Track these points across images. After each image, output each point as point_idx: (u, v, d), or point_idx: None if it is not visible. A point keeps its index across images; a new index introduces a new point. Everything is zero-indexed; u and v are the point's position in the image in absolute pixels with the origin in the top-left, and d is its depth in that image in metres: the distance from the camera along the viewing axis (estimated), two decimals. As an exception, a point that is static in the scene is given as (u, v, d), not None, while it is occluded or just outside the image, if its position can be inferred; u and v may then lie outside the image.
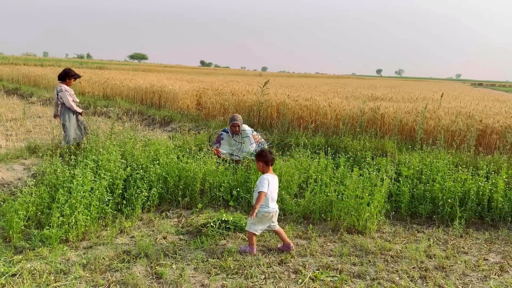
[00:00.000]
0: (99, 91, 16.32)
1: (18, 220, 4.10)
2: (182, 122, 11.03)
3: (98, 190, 4.68)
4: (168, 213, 5.25)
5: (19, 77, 20.98)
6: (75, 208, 4.31)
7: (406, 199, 5.49)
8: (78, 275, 3.57)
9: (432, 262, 4.20)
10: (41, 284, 3.41)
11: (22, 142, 7.85)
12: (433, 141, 7.95)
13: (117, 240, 4.35)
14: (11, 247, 4.02)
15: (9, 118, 10.80)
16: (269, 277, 3.73)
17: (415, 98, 15.03)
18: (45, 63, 36.76)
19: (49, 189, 4.79)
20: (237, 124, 6.66)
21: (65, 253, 3.97)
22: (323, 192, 5.30)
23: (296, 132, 9.10)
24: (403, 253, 4.37)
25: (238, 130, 6.70)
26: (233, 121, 6.67)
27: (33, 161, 6.26)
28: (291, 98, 11.39)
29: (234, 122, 6.66)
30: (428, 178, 5.90)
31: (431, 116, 9.24)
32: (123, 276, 3.60)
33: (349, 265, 4.04)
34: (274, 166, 5.84)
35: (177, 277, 3.63)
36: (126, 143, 6.45)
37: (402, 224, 5.25)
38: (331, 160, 6.42)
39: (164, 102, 13.59)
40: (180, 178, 5.57)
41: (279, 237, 4.33)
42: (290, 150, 7.22)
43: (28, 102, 14.24)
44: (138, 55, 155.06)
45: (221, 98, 12.15)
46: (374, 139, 8.43)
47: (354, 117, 9.52)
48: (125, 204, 5.01)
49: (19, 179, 5.70)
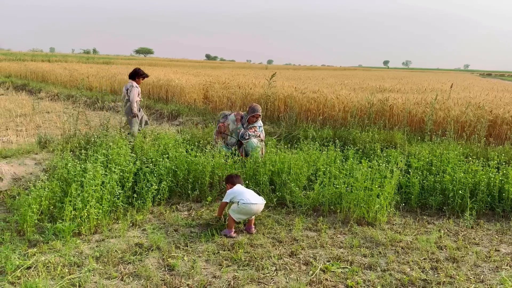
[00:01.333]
0: (107, 86, 16.40)
1: (32, 214, 4.15)
2: (190, 116, 11.06)
3: (109, 184, 4.72)
4: (178, 206, 5.28)
5: (27, 73, 21.13)
6: (87, 202, 4.36)
7: (416, 190, 5.47)
8: (91, 268, 3.62)
9: (443, 253, 4.20)
10: (55, 276, 3.46)
11: (33, 137, 7.93)
12: (442, 132, 7.90)
13: (129, 233, 4.40)
14: (25, 240, 4.08)
15: (18, 113, 10.89)
16: (280, 269, 3.75)
17: (423, 89, 14.92)
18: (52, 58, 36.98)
19: (61, 183, 4.84)
20: (258, 115, 6.63)
21: (78, 246, 4.02)
22: (332, 184, 5.30)
23: (303, 124, 9.09)
24: (413, 244, 4.37)
25: (255, 120, 6.68)
26: (256, 112, 6.59)
27: (44, 156, 6.31)
28: (298, 91, 11.36)
29: (256, 113, 6.58)
30: (438, 170, 5.87)
31: (440, 107, 9.17)
32: (135, 268, 3.64)
33: (360, 257, 4.05)
34: (283, 158, 5.87)
35: (189, 269, 3.67)
36: (136, 137, 6.48)
37: (412, 216, 5.25)
38: (339, 152, 6.41)
39: (171, 96, 13.62)
40: (189, 172, 5.59)
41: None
42: (298, 143, 7.21)
43: (36, 98, 14.35)
44: (144, 50, 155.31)
45: (228, 92, 12.15)
46: (383, 131, 8.40)
47: (362, 109, 9.48)
48: (135, 198, 5.05)
49: (31, 173, 5.76)
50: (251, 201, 4.37)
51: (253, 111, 6.60)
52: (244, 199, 4.35)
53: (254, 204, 4.38)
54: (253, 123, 6.65)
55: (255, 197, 4.48)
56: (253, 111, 6.60)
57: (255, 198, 4.46)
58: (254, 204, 4.38)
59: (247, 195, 4.43)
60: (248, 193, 4.49)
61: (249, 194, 4.48)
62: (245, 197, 4.38)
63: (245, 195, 4.42)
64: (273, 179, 5.73)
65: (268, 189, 5.52)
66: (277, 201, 5.41)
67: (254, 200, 4.41)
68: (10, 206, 4.80)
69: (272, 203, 5.37)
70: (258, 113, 6.59)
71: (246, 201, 4.34)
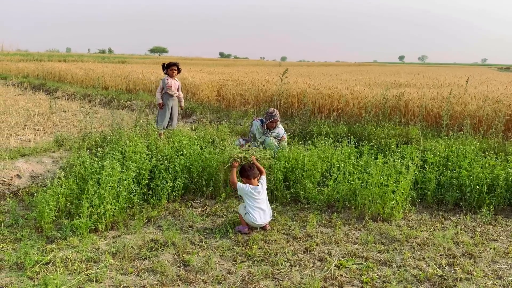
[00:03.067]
0: (122, 85, 16.57)
1: (49, 210, 4.23)
2: (204, 114, 11.11)
3: (126, 180, 4.78)
4: (192, 202, 5.32)
5: (44, 73, 21.48)
6: (103, 199, 4.42)
7: (432, 186, 5.40)
8: (108, 263, 3.68)
9: (460, 249, 4.14)
10: (73, 272, 3.53)
11: (50, 136, 8.07)
12: (459, 127, 7.77)
13: (144, 229, 4.45)
14: (43, 236, 4.16)
15: (36, 113, 11.10)
16: (294, 265, 3.75)
17: (439, 84, 14.70)
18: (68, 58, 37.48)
19: (78, 180, 4.92)
20: (276, 120, 6.58)
21: (95, 242, 4.08)
22: (346, 181, 5.26)
23: (317, 121, 9.04)
24: (430, 240, 4.32)
25: (274, 126, 6.65)
26: (274, 117, 6.52)
27: (61, 154, 6.43)
28: (312, 87, 11.30)
29: (274, 119, 6.52)
30: (455, 165, 5.78)
31: (457, 102, 9.02)
32: (151, 264, 3.69)
33: (375, 253, 4.02)
34: (297, 155, 5.85)
35: (204, 265, 3.69)
36: (151, 135, 6.55)
37: (428, 212, 5.18)
38: (354, 148, 6.36)
39: (185, 94, 13.69)
40: (203, 169, 5.62)
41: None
42: (312, 139, 7.18)
43: (53, 97, 14.59)
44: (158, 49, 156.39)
45: (241, 89, 12.16)
46: (398, 126, 8.31)
47: (377, 105, 9.39)
48: (151, 194, 5.10)
49: (48, 171, 5.87)
50: (258, 223, 4.36)
51: (271, 116, 6.55)
52: (251, 218, 4.34)
53: (260, 224, 4.40)
54: (272, 129, 6.62)
55: (263, 215, 4.41)
56: (271, 117, 6.54)
57: (262, 217, 4.40)
58: (260, 224, 4.40)
59: (256, 213, 4.36)
60: (258, 208, 4.40)
61: (258, 210, 4.39)
62: (254, 215, 4.34)
63: (255, 213, 4.36)
64: (287, 175, 5.72)
65: (282, 186, 5.51)
66: (291, 198, 5.40)
67: (261, 220, 4.38)
68: (29, 203, 4.90)
69: (286, 199, 5.36)
70: (276, 118, 6.54)
71: (253, 220, 4.34)
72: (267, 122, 6.56)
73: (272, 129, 6.61)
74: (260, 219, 4.37)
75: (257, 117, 7.00)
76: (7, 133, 8.25)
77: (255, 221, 4.33)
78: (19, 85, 18.46)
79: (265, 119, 6.62)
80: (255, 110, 10.58)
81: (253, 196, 4.43)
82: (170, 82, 7.78)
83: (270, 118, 6.52)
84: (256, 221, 4.33)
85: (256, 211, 4.37)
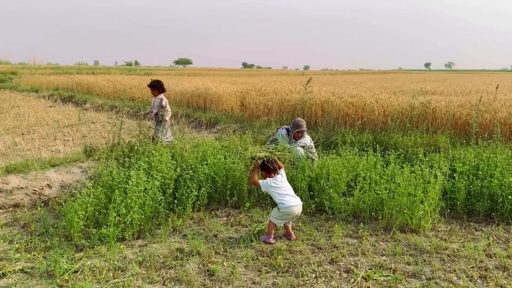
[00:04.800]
0: (148, 96, 16.86)
1: (78, 220, 4.33)
2: (227, 124, 11.18)
3: (151, 190, 4.85)
4: (217, 212, 5.34)
5: (73, 86, 22.13)
6: (130, 208, 4.50)
7: (462, 196, 5.25)
8: (134, 272, 3.72)
9: (493, 262, 3.99)
10: (101, 280, 3.58)
11: (79, 147, 8.29)
12: (489, 135, 7.54)
13: (170, 238, 4.49)
14: (72, 245, 4.25)
15: (65, 124, 11.43)
16: (320, 276, 3.70)
17: (467, 91, 14.35)
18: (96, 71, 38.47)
19: (106, 190, 5.02)
20: (303, 130, 6.55)
21: (122, 251, 4.14)
22: (372, 190, 5.17)
23: (342, 129, 8.95)
24: (460, 252, 4.19)
25: (301, 136, 6.63)
26: (300, 127, 6.47)
27: (89, 164, 6.58)
28: (335, 96, 11.22)
29: (301, 129, 6.47)
30: (485, 174, 5.60)
31: (486, 109, 8.76)
32: (177, 273, 3.71)
33: (403, 265, 3.92)
34: (321, 164, 5.80)
35: (229, 274, 3.69)
36: (176, 145, 6.63)
37: (458, 222, 5.03)
38: (380, 157, 6.26)
39: (209, 104, 13.85)
40: (227, 178, 5.65)
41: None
42: (336, 148, 7.11)
43: (82, 109, 15.00)
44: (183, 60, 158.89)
45: (265, 98, 12.18)
46: (425, 134, 8.13)
47: (403, 113, 9.22)
48: (176, 204, 5.15)
49: (77, 181, 6.01)
50: (293, 204, 4.35)
51: (298, 126, 6.50)
52: (285, 203, 4.33)
53: (295, 206, 4.37)
54: (298, 139, 6.60)
55: (294, 198, 4.47)
56: (297, 127, 6.50)
57: (294, 199, 4.45)
58: (295, 206, 4.37)
59: (287, 197, 4.41)
60: (287, 195, 4.44)
61: (288, 196, 4.44)
62: (286, 199, 4.36)
63: (286, 197, 4.39)
64: (312, 185, 5.67)
65: (307, 195, 5.47)
66: (315, 207, 5.35)
67: (294, 202, 4.40)
68: (58, 212, 5.03)
69: (311, 209, 5.31)
70: (302, 128, 6.50)
71: (288, 205, 4.32)
72: (293, 132, 6.52)
73: (298, 139, 6.58)
74: (293, 201, 4.39)
75: (283, 126, 6.98)
76: (38, 144, 8.52)
77: (289, 204, 4.33)
78: (50, 97, 19.08)
79: (291, 129, 6.59)
80: (278, 119, 10.58)
81: (276, 185, 4.46)
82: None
83: (297, 128, 6.49)
84: (290, 203, 4.34)
85: (286, 196, 4.41)
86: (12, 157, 7.39)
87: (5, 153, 7.75)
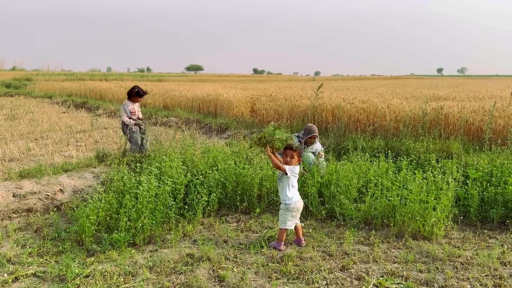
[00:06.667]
0: (160, 102, 17.03)
1: (90, 224, 4.37)
2: (238, 129, 11.20)
3: (162, 195, 4.87)
4: (227, 217, 5.34)
5: (86, 92, 22.40)
6: (141, 213, 4.52)
7: (476, 203, 5.17)
8: (145, 277, 3.73)
9: (507, 270, 3.92)
10: (111, 285, 3.60)
11: (91, 152, 8.37)
12: (503, 141, 7.43)
13: (180, 244, 4.50)
14: (84, 250, 4.29)
15: (78, 130, 11.57)
16: (331, 283, 3.67)
17: (481, 97, 14.16)
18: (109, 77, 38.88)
19: (117, 195, 5.06)
20: (315, 136, 6.53)
21: (133, 256, 4.16)
22: (384, 197, 5.13)
23: (353, 135, 8.90)
24: (474, 259, 4.12)
25: (313, 141, 6.59)
26: (312, 133, 6.45)
27: (101, 169, 6.64)
28: (346, 101, 11.17)
29: (313, 134, 6.46)
30: (499, 181, 5.51)
31: (500, 115, 8.65)
32: (187, 279, 3.71)
33: (416, 272, 3.87)
34: (331, 169, 5.77)
35: (239, 281, 3.67)
36: (186, 150, 6.66)
37: (471, 230, 4.95)
38: (391, 163, 6.20)
39: (220, 110, 13.89)
40: (238, 184, 5.65)
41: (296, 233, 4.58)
42: (347, 154, 7.07)
43: (95, 115, 15.17)
44: (194, 67, 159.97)
45: (275, 104, 12.19)
46: (438, 140, 8.04)
47: (415, 118, 9.14)
48: (187, 209, 5.17)
49: (89, 186, 6.07)
50: (297, 198, 4.46)
51: (310, 132, 6.49)
52: (293, 197, 4.41)
53: (299, 200, 4.49)
54: (310, 144, 6.58)
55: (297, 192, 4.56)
56: (309, 133, 6.48)
57: (298, 193, 4.54)
58: (299, 200, 4.49)
59: (294, 191, 4.50)
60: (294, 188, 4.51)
61: (295, 190, 4.53)
62: (294, 194, 4.45)
63: (294, 191, 4.48)
64: (322, 191, 5.64)
65: (317, 201, 5.44)
66: (326, 214, 5.31)
67: (298, 195, 4.51)
68: (71, 217, 5.08)
69: (321, 215, 5.28)
70: (315, 133, 6.48)
71: (295, 199, 4.41)
72: (305, 137, 6.51)
73: (310, 144, 6.56)
74: (297, 195, 4.49)
75: (294, 134, 6.97)
76: (51, 149, 8.63)
77: (295, 198, 4.43)
78: (63, 103, 19.34)
79: (303, 135, 6.58)
80: (288, 125, 10.56)
81: (294, 176, 4.48)
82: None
83: (309, 133, 6.47)
84: (296, 197, 4.45)
85: (294, 190, 4.47)
86: (26, 162, 7.50)
87: (19, 158, 7.86)
